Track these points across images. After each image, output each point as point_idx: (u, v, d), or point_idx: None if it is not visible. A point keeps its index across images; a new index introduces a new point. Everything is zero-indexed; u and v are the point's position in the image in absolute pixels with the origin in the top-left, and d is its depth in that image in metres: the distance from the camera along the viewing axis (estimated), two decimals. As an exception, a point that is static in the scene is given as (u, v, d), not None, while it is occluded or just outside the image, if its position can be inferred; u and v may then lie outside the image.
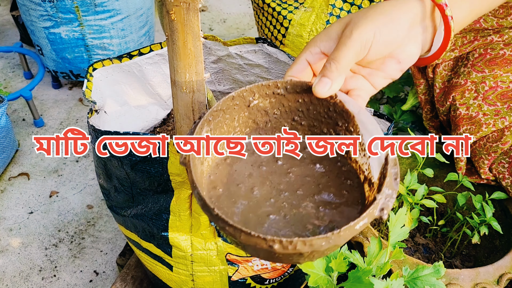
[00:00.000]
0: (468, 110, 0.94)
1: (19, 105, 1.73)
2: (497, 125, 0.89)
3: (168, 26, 0.58)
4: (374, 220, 1.05)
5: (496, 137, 0.90)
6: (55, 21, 1.51)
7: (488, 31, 0.92)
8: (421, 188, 0.87)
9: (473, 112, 0.93)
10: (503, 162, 0.92)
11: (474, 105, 0.92)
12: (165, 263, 0.84)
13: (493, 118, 0.90)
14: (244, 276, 0.83)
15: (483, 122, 0.91)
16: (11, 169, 1.48)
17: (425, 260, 0.97)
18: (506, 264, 0.83)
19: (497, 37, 0.91)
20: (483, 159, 0.93)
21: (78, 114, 1.70)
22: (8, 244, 1.26)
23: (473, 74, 0.92)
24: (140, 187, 0.76)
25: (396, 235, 0.64)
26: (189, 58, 0.59)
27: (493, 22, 0.91)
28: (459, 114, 0.95)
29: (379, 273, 0.63)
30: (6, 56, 1.98)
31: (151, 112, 1.00)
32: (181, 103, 0.64)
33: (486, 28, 0.91)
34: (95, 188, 1.42)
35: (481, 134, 0.91)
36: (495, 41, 0.91)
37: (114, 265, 1.21)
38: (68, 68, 1.66)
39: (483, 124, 0.90)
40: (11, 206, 1.36)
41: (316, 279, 0.61)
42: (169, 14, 0.56)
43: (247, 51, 0.96)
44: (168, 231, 0.77)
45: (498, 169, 0.93)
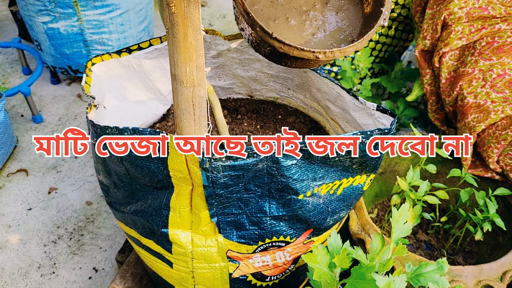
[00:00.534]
0: (476, 98, 0.93)
1: (18, 101, 1.72)
2: (506, 111, 0.89)
3: (168, 19, 0.56)
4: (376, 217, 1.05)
5: (506, 125, 0.90)
6: (53, 16, 1.50)
7: (496, 19, 0.91)
8: (424, 184, 0.87)
9: (481, 100, 0.93)
10: (510, 154, 0.92)
11: (482, 93, 0.92)
12: (165, 259, 0.83)
13: (501, 105, 0.90)
14: (245, 273, 0.83)
15: (492, 109, 0.91)
16: (9, 165, 1.47)
17: (427, 256, 0.97)
18: (510, 261, 0.82)
19: (505, 25, 0.90)
20: (492, 148, 0.93)
21: (77, 110, 1.69)
22: (7, 241, 1.25)
23: (480, 62, 0.92)
24: (140, 183, 0.75)
25: (398, 231, 0.64)
26: (190, 52, 0.58)
27: (501, 10, 0.91)
28: (466, 103, 0.95)
29: (382, 270, 0.62)
30: (4, 51, 1.97)
31: (151, 108, 0.99)
32: (181, 97, 0.63)
33: (494, 16, 0.91)
34: (94, 184, 1.41)
35: (490, 121, 0.91)
36: (502, 29, 0.91)
37: (113, 262, 1.21)
38: (66, 64, 1.64)
39: (492, 111, 0.91)
40: (9, 202, 1.36)
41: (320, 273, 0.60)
42: (170, 7, 0.55)
43: (248, 46, 0.95)
44: (168, 228, 0.76)
45: (505, 160, 0.92)
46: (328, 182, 0.74)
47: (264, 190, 0.70)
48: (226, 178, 0.66)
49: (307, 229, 0.79)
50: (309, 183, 0.71)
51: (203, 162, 0.64)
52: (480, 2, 0.92)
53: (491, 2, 0.92)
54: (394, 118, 0.74)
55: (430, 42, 1.00)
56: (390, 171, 1.07)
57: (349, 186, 0.78)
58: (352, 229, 0.90)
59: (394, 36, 1.27)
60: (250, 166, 0.65)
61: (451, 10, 0.95)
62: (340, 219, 0.83)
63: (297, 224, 0.77)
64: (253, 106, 1.06)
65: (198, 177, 0.67)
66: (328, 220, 0.79)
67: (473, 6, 0.93)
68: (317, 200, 0.75)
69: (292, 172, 0.68)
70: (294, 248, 0.81)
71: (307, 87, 0.97)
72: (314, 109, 1.01)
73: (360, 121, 0.84)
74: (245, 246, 0.78)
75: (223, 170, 0.65)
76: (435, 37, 0.99)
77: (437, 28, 0.98)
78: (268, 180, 0.69)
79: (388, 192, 1.08)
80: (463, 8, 0.93)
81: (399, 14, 1.21)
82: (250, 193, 0.71)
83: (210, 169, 0.65)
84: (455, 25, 0.94)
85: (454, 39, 0.94)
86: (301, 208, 0.73)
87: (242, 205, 0.72)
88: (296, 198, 0.71)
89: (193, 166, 0.66)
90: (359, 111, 0.83)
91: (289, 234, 0.78)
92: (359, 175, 0.77)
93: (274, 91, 1.04)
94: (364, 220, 0.90)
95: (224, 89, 1.07)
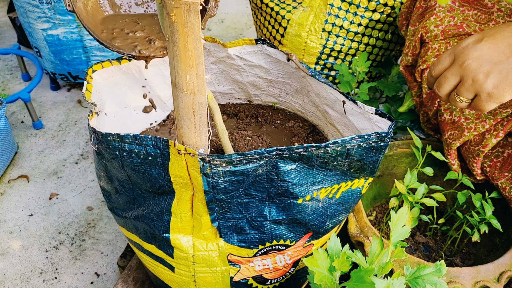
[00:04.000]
0: (451, 115, 0.94)
1: (18, 107, 1.72)
2: (478, 129, 0.89)
3: (168, 28, 0.58)
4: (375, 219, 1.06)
5: (478, 141, 0.91)
6: (53, 23, 1.51)
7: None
8: (421, 187, 0.88)
9: (455, 117, 0.93)
10: (485, 166, 0.92)
11: (457, 110, 0.93)
12: (167, 264, 0.84)
13: (474, 122, 0.90)
14: (246, 276, 0.84)
15: (465, 126, 0.91)
16: (10, 171, 1.48)
17: (425, 258, 0.98)
18: (506, 262, 0.83)
19: None
20: (471, 161, 0.93)
21: (76, 115, 1.70)
22: (9, 247, 1.26)
23: None
24: (141, 188, 0.76)
25: (397, 234, 0.65)
26: (190, 60, 0.60)
27: (475, 27, 0.92)
28: (444, 119, 0.96)
29: (381, 273, 0.63)
30: (3, 58, 1.97)
31: (151, 114, 1.00)
32: (181, 104, 0.64)
33: (469, 33, 0.92)
34: (95, 189, 1.42)
35: (464, 138, 0.92)
36: None
37: (115, 266, 1.21)
38: (66, 70, 1.65)
39: (465, 129, 0.91)
40: (11, 208, 1.36)
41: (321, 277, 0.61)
42: (170, 16, 0.56)
43: (247, 52, 0.96)
44: (169, 233, 0.77)
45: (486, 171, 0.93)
46: (327, 186, 0.75)
47: (264, 194, 0.71)
48: (227, 183, 0.67)
49: (306, 233, 0.80)
50: (308, 187, 0.72)
51: (204, 167, 0.65)
52: (455, 19, 0.93)
53: (466, 20, 0.92)
54: (392, 122, 0.75)
55: (412, 58, 1.02)
56: (388, 174, 1.08)
57: (347, 190, 0.79)
58: (351, 232, 0.91)
59: (390, 40, 1.28)
60: (250, 172, 0.66)
61: (428, 28, 0.96)
62: (339, 222, 0.84)
63: (296, 228, 0.78)
64: (252, 111, 1.07)
65: (199, 183, 0.68)
66: (328, 223, 0.80)
67: (448, 24, 0.93)
68: (316, 204, 0.76)
69: (292, 177, 0.69)
70: (294, 251, 0.82)
71: (305, 92, 0.98)
72: (312, 113, 1.02)
73: (358, 125, 0.85)
74: (246, 250, 0.79)
75: (223, 175, 0.66)
76: (415, 53, 1.00)
77: (416, 45, 0.99)
78: (268, 185, 0.70)
79: (386, 194, 1.09)
80: (439, 26, 0.94)
81: (395, 18, 1.23)
82: (250, 198, 0.72)
83: (211, 175, 0.66)
84: (432, 42, 0.95)
85: (431, 56, 0.95)
86: (300, 212, 0.74)
87: (242, 209, 0.73)
88: (295, 202, 0.73)
89: (194, 172, 0.67)
90: (357, 115, 0.84)
91: (289, 238, 0.79)
92: (358, 178, 0.78)
93: (272, 96, 1.05)
94: (363, 223, 0.91)
95: (223, 94, 1.08)
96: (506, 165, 0.89)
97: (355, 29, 1.23)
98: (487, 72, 0.68)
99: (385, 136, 0.71)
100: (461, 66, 0.71)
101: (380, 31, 1.25)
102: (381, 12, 1.21)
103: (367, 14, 1.21)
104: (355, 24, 1.22)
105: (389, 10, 1.21)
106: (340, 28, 1.22)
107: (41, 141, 1.59)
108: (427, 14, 0.98)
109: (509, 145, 0.89)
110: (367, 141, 0.70)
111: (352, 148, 0.69)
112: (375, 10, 1.21)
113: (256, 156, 0.65)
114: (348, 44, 1.25)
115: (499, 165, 0.90)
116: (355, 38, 1.24)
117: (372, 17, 1.21)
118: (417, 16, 1.03)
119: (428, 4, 1.00)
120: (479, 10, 0.91)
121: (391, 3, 1.19)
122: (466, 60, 0.70)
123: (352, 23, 1.22)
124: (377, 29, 1.24)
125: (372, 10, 1.20)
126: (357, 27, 1.23)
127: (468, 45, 0.71)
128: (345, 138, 0.68)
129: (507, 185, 0.88)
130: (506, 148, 0.89)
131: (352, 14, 1.21)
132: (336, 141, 0.68)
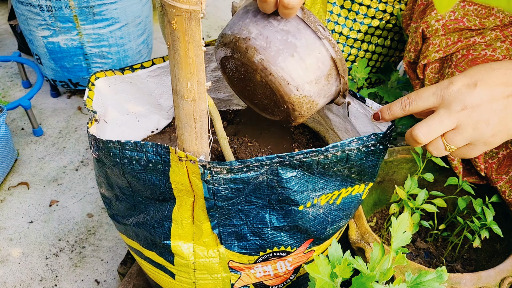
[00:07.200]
0: None
1: (18, 114, 1.73)
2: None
3: (169, 36, 0.58)
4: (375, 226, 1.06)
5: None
6: (53, 30, 1.51)
7: (471, 32, 0.93)
8: (422, 192, 0.88)
9: None
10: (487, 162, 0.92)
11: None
12: (168, 271, 0.84)
13: None
14: (247, 283, 0.83)
15: None
16: (10, 178, 1.48)
17: (426, 264, 0.98)
18: (508, 268, 0.83)
19: (479, 38, 0.92)
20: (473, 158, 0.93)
21: (77, 122, 1.70)
22: (9, 254, 1.26)
23: (456, 74, 0.93)
24: (142, 195, 0.76)
25: (398, 240, 0.65)
26: (191, 67, 0.60)
27: (475, 22, 0.92)
28: None
29: (382, 279, 0.63)
30: (4, 65, 1.98)
31: (153, 121, 1.01)
32: (182, 111, 0.64)
33: (469, 28, 0.92)
34: (95, 196, 1.42)
35: None
36: (477, 42, 0.92)
37: (115, 273, 1.21)
38: (67, 77, 1.66)
39: None
40: (11, 215, 1.36)
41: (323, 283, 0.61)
42: (171, 24, 0.56)
43: (247, 59, 0.96)
44: (170, 239, 0.77)
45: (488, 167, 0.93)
46: (328, 193, 0.75)
47: (265, 201, 0.71)
48: (227, 190, 0.67)
49: (307, 239, 0.80)
50: (309, 194, 0.72)
51: (205, 174, 0.65)
52: (456, 14, 0.94)
53: (466, 14, 0.93)
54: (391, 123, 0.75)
55: (414, 54, 1.02)
56: (388, 180, 1.08)
57: (348, 196, 0.79)
58: (351, 238, 0.91)
59: (390, 47, 1.29)
60: (251, 180, 0.66)
61: (429, 23, 0.96)
62: (339, 228, 0.84)
63: (297, 234, 0.78)
64: (252, 117, 1.07)
65: (200, 190, 0.68)
66: (328, 229, 0.80)
67: (449, 18, 0.94)
68: (317, 211, 0.76)
69: (292, 184, 0.69)
70: (295, 257, 0.82)
71: (305, 98, 0.98)
72: (313, 119, 1.02)
73: (360, 129, 0.85)
74: (247, 257, 0.79)
75: (224, 182, 0.66)
76: (417, 49, 1.01)
77: (418, 41, 1.00)
78: (268, 192, 0.70)
79: (387, 200, 1.09)
80: (439, 21, 0.95)
81: (394, 24, 1.23)
82: (251, 205, 0.72)
83: (212, 182, 0.66)
84: (433, 38, 0.96)
85: (432, 52, 0.95)
86: (301, 218, 0.74)
87: (243, 216, 0.73)
88: (296, 209, 0.73)
89: (195, 179, 0.67)
90: (361, 117, 0.84)
91: (289, 244, 0.78)
92: (358, 184, 0.78)
93: (272, 103, 1.06)
94: (364, 229, 0.91)
95: (223, 101, 1.08)
96: (502, 167, 0.89)
97: (354, 35, 1.23)
98: (487, 121, 0.65)
99: (383, 137, 0.71)
100: (459, 113, 0.65)
101: (379, 38, 1.25)
102: (380, 18, 1.21)
103: (367, 20, 1.22)
104: (354, 30, 1.23)
105: (389, 16, 1.22)
106: (340, 35, 1.23)
107: (41, 148, 1.59)
108: (428, 10, 0.99)
109: (503, 146, 0.89)
110: (366, 143, 0.70)
111: (351, 152, 0.70)
112: (374, 17, 1.21)
113: (256, 164, 0.65)
114: (347, 50, 1.25)
115: (495, 166, 0.90)
116: (354, 45, 1.25)
117: (371, 24, 1.22)
118: (419, 13, 1.03)
119: (430, 0, 1.01)
120: (479, 5, 0.92)
121: (390, 9, 1.20)
122: (464, 108, 0.65)
123: (351, 29, 1.23)
124: (376, 35, 1.25)
125: (372, 16, 1.21)
126: (356, 33, 1.23)
127: (461, 90, 0.66)
128: (344, 141, 0.68)
129: (507, 188, 0.88)
130: (500, 149, 0.89)
131: (352, 21, 1.22)
132: (336, 144, 0.68)
